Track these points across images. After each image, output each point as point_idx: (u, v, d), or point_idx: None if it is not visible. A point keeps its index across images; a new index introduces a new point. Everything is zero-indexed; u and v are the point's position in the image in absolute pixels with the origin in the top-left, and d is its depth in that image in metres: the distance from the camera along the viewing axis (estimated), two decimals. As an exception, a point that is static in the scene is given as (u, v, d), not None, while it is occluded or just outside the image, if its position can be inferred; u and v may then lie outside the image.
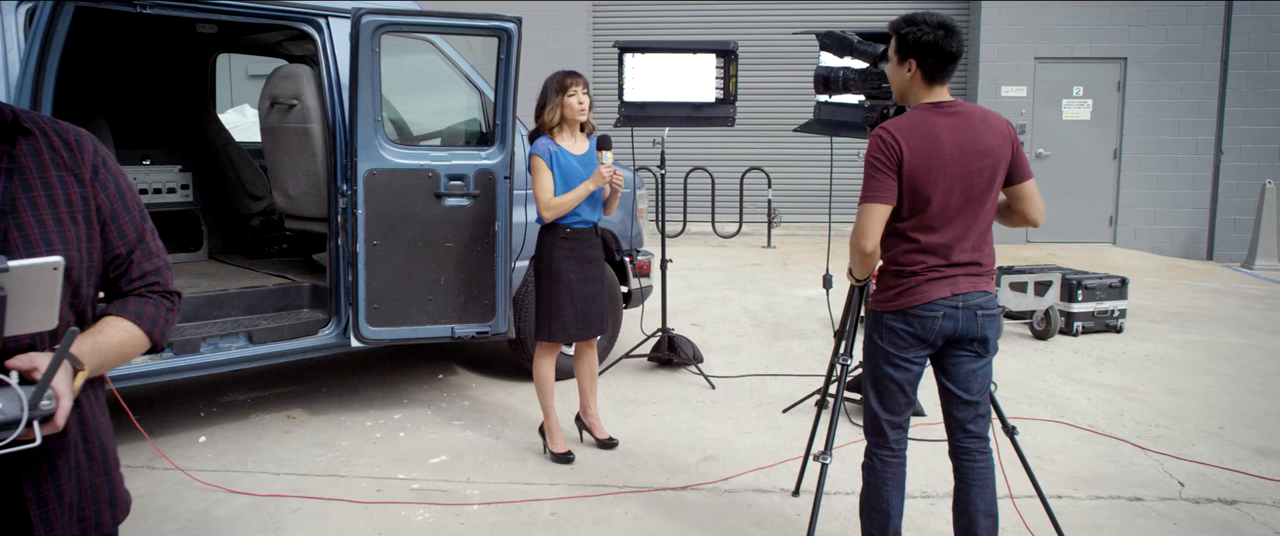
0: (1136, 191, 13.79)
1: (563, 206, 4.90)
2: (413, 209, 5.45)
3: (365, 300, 5.39)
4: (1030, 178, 3.44)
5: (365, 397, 6.27)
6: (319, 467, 5.06)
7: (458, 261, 5.56)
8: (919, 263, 3.32)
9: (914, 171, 3.24)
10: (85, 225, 1.79)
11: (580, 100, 4.96)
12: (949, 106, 3.36)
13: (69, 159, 1.79)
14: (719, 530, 4.30)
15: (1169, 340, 7.91)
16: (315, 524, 4.38)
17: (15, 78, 4.47)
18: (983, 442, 3.48)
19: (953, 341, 3.39)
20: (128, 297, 1.89)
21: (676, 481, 4.84)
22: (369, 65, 5.21)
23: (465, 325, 5.64)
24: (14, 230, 1.68)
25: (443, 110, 6.64)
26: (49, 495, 1.70)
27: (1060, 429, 5.55)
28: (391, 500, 4.63)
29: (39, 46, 4.33)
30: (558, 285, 4.98)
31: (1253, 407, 6.09)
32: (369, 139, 5.30)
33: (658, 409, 6.05)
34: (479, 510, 4.53)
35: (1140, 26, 13.55)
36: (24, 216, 1.70)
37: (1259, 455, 5.20)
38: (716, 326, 8.32)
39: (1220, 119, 13.63)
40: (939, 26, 3.30)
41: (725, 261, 11.76)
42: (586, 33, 14.35)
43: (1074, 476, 4.85)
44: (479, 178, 5.54)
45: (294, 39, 6.95)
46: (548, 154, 4.92)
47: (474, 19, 5.54)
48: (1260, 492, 4.67)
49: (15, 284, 1.51)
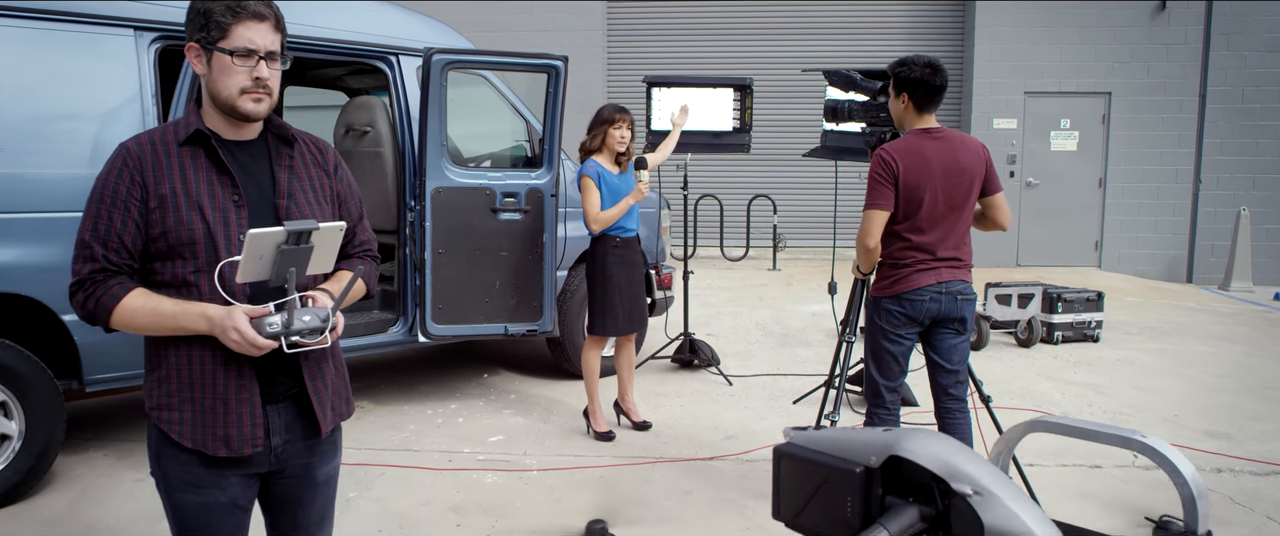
0: (1120, 218, 14.54)
1: (609, 219, 5.71)
2: (472, 222, 6.25)
3: (431, 301, 6.19)
4: (1000, 191, 4.27)
5: (422, 392, 7.07)
6: (393, 444, 5.86)
7: (511, 268, 6.36)
8: (910, 257, 4.15)
9: (907, 184, 4.07)
10: (330, 206, 2.59)
11: (623, 134, 5.80)
12: (936, 132, 4.19)
13: (321, 160, 2.59)
14: (742, 489, 5.09)
15: (1140, 348, 8.73)
16: (401, 484, 5.17)
17: (149, 103, 5.28)
18: (962, 404, 4.30)
19: (938, 321, 4.21)
20: (351, 258, 2.69)
21: (704, 454, 5.65)
22: (438, 97, 6.03)
23: (517, 324, 6.44)
24: (294, 208, 2.48)
25: (492, 135, 7.48)
26: (320, 386, 2.50)
27: (1033, 413, 6.35)
28: (462, 467, 5.43)
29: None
30: (610, 287, 5.79)
31: (1207, 401, 6.90)
32: (436, 161, 6.11)
33: (683, 401, 6.85)
34: (538, 474, 5.33)
35: (1124, 63, 14.31)
36: (298, 199, 2.50)
37: (1206, 436, 6.02)
38: (729, 336, 9.12)
39: (1199, 150, 14.38)
40: (927, 66, 4.15)
41: (734, 282, 12.58)
42: (601, 36, 15.24)
43: (1044, 451, 5.65)
44: (529, 195, 6.36)
45: (355, 73, 7.78)
46: (596, 174, 5.75)
47: (527, 56, 6.41)
48: (1203, 462, 5.48)
49: (319, 239, 2.31)
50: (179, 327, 2.28)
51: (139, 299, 2.28)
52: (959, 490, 1.25)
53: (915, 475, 1.31)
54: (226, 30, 2.26)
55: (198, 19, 2.29)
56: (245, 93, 2.29)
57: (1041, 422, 1.83)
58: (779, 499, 1.45)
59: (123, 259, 2.29)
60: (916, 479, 1.32)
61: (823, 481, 1.36)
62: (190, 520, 2.43)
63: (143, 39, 5.30)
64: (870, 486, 1.34)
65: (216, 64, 2.28)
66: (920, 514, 1.30)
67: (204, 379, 2.34)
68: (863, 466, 1.34)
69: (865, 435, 1.39)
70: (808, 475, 1.39)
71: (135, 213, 2.27)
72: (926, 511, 1.30)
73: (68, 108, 5.05)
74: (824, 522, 1.36)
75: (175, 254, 2.29)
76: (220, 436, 2.36)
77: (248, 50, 2.27)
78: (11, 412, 4.84)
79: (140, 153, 2.29)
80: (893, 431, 1.38)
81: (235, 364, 2.34)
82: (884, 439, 1.35)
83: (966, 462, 1.29)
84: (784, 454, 1.43)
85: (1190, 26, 14.20)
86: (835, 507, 1.35)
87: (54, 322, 4.98)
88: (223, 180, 2.34)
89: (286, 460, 2.50)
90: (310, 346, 2.34)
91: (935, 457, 1.29)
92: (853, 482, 1.33)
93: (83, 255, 2.29)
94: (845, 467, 1.34)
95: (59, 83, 5.01)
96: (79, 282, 2.30)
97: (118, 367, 5.23)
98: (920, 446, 1.31)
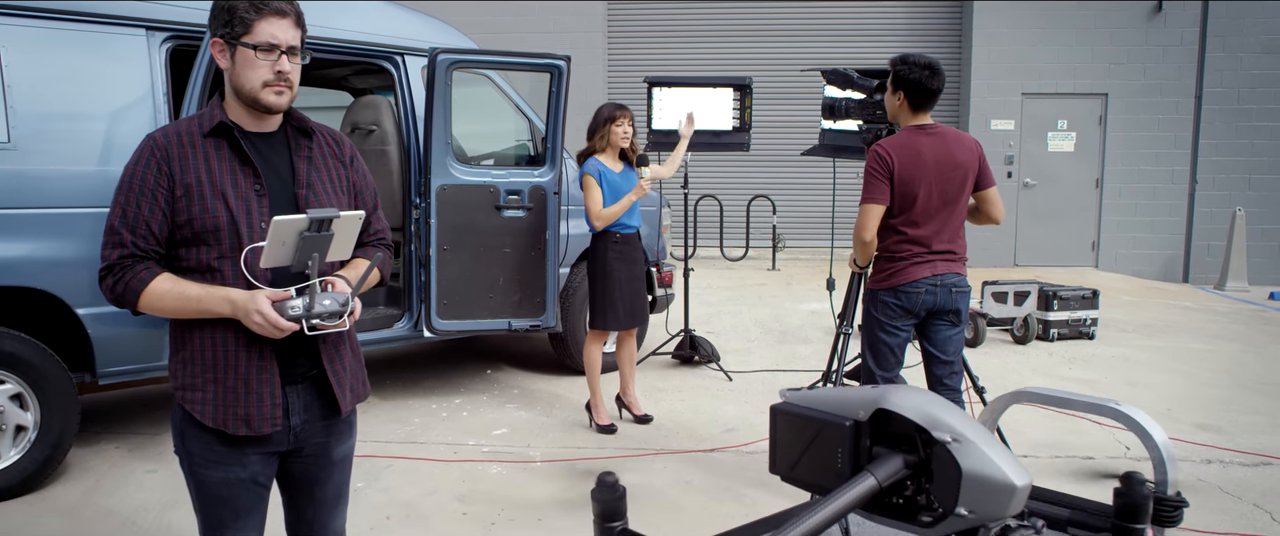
0: (1117, 218, 14.65)
1: (612, 216, 5.82)
2: (476, 219, 6.35)
3: (436, 297, 6.29)
4: (993, 185, 4.38)
5: (426, 387, 7.18)
6: (399, 437, 5.96)
7: (514, 265, 6.46)
8: (906, 250, 4.26)
9: (902, 179, 4.18)
10: (346, 196, 2.69)
11: (625, 130, 5.91)
12: (930, 128, 4.30)
13: (338, 151, 2.70)
14: (742, 479, 5.19)
15: (1135, 345, 8.84)
16: (407, 474, 5.28)
17: (160, 101, 5.39)
18: (956, 394, 4.40)
19: (933, 313, 4.32)
20: (366, 246, 2.80)
21: (705, 446, 5.76)
22: (443, 96, 6.14)
23: (520, 319, 6.55)
24: (312, 198, 2.58)
25: (496, 134, 7.59)
26: (338, 367, 2.60)
27: (1029, 409, 6.46)
28: (467, 459, 5.54)
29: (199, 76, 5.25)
30: (610, 282, 5.90)
31: (1199, 396, 7.01)
32: (441, 159, 6.22)
33: (683, 395, 6.96)
34: (542, 465, 5.43)
35: (1120, 65, 14.42)
36: (317, 189, 2.60)
37: (1197, 428, 6.13)
38: (729, 334, 9.22)
39: (1195, 151, 14.49)
40: (925, 67, 4.25)
41: (733, 281, 12.68)
42: (602, 37, 15.37)
43: (1038, 442, 5.76)
44: (532, 193, 6.47)
45: (360, 73, 7.89)
46: (598, 172, 5.85)
47: (530, 56, 6.52)
48: (1192, 453, 5.59)
49: (339, 227, 2.42)
50: (203, 310, 2.39)
51: (165, 283, 2.39)
52: (939, 438, 1.36)
53: (900, 427, 1.42)
54: (250, 26, 2.37)
55: (222, 15, 2.40)
56: (268, 86, 2.40)
57: (1024, 393, 1.95)
58: (775, 454, 1.55)
59: (150, 245, 2.39)
60: (901, 431, 1.42)
61: (815, 435, 1.47)
62: (212, 496, 2.54)
63: (154, 38, 5.41)
64: (859, 438, 1.44)
65: (240, 58, 2.39)
66: (905, 461, 1.40)
67: (226, 360, 2.45)
68: (852, 420, 1.44)
69: (853, 392, 1.49)
70: (802, 430, 1.49)
71: (162, 201, 2.38)
72: (910, 459, 1.40)
73: (81, 106, 5.17)
74: (817, 473, 1.46)
75: (200, 240, 2.40)
76: (241, 416, 2.46)
77: (270, 45, 2.38)
78: (27, 404, 4.96)
79: (167, 143, 2.40)
80: (879, 387, 1.49)
81: (256, 346, 2.45)
82: (871, 394, 1.46)
83: (946, 413, 1.40)
84: (779, 411, 1.54)
85: (1186, 28, 14.30)
86: (827, 459, 1.46)
87: (68, 316, 5.09)
88: (245, 170, 2.44)
89: (304, 439, 2.61)
90: (329, 329, 2.45)
91: (917, 409, 1.40)
92: (843, 435, 1.44)
93: (112, 241, 2.39)
94: (836, 422, 1.45)
95: (72, 81, 5.12)
96: (109, 267, 2.40)
97: (129, 360, 5.34)
98: (904, 399, 1.42)
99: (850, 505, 1.36)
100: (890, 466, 1.39)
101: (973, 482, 1.34)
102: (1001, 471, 1.33)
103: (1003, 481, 1.34)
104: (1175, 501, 1.72)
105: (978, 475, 1.33)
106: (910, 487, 1.43)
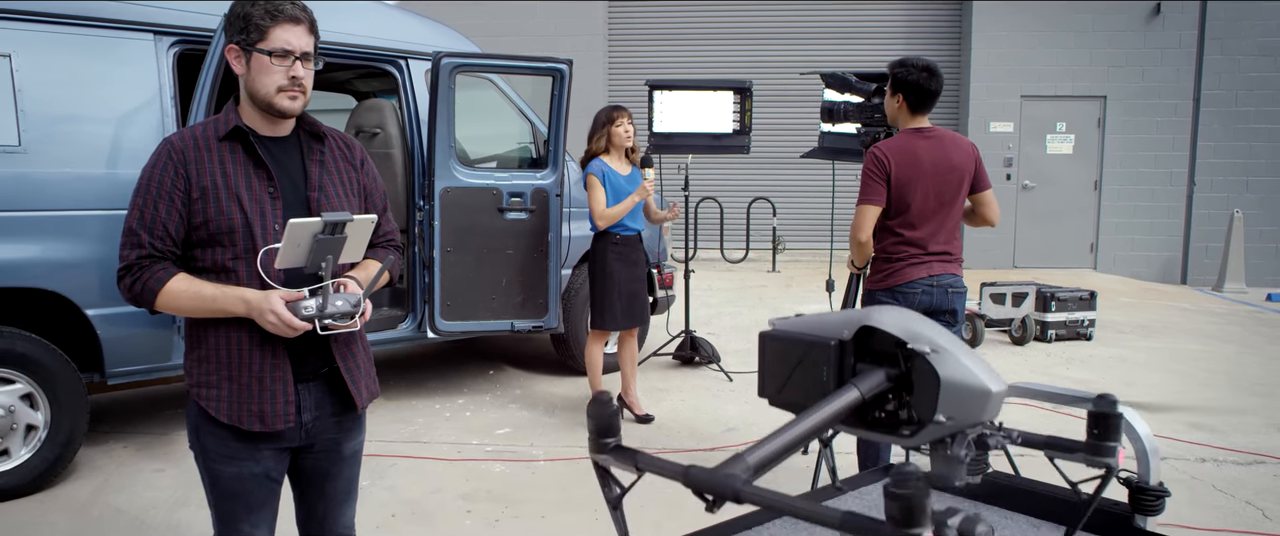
0: (1116, 220, 14.72)
1: (614, 216, 5.89)
2: (479, 221, 6.42)
3: (440, 298, 6.36)
4: (989, 187, 4.44)
5: (430, 388, 7.25)
6: (403, 436, 6.03)
7: (517, 266, 6.53)
8: (903, 251, 4.33)
9: (899, 181, 4.25)
10: (357, 199, 2.76)
11: (626, 129, 5.98)
12: (928, 131, 4.37)
13: (349, 154, 2.77)
14: (743, 478, 5.26)
15: (1132, 346, 8.91)
16: (412, 473, 5.35)
17: (168, 105, 5.47)
18: (953, 392, 4.47)
19: (929, 313, 4.38)
20: (376, 247, 2.87)
21: (705, 445, 5.83)
22: (447, 99, 6.21)
23: (523, 320, 6.61)
24: (324, 200, 2.65)
25: (498, 137, 7.66)
26: (351, 365, 2.67)
27: (1025, 407, 6.52)
28: (471, 458, 5.61)
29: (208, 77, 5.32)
30: (609, 283, 5.97)
31: (1195, 396, 7.08)
32: (444, 162, 6.29)
33: (684, 396, 7.03)
34: (545, 464, 5.51)
35: (1119, 67, 14.50)
36: (328, 191, 2.67)
37: (1191, 427, 6.20)
38: (729, 335, 9.28)
39: (1193, 153, 14.56)
40: (923, 69, 4.32)
41: (734, 283, 12.75)
42: (603, 40, 15.44)
43: (1035, 441, 5.81)
44: (535, 195, 6.54)
45: (363, 77, 7.96)
46: (601, 173, 5.93)
47: (533, 60, 6.58)
48: (1187, 452, 5.66)
49: (352, 230, 2.49)
50: (219, 309, 2.46)
51: (182, 283, 2.46)
52: (918, 350, 1.42)
53: (882, 344, 1.48)
54: (265, 32, 2.45)
55: (237, 22, 2.48)
56: (282, 91, 2.47)
57: (1015, 387, 2.02)
58: (764, 379, 1.61)
59: (167, 246, 2.46)
60: (883, 349, 1.48)
61: (802, 356, 1.53)
62: (226, 490, 2.61)
63: (162, 43, 5.48)
64: (843, 356, 1.50)
65: (255, 64, 2.46)
66: (887, 375, 1.46)
67: (241, 358, 2.52)
68: (836, 340, 1.51)
69: (838, 315, 1.56)
70: (789, 353, 1.55)
71: (179, 203, 2.45)
72: (892, 373, 1.46)
73: (89, 110, 5.24)
74: (804, 394, 1.52)
75: (215, 241, 2.47)
76: (255, 412, 2.53)
77: (285, 51, 2.46)
78: (38, 404, 5.03)
79: (184, 147, 2.47)
80: (862, 309, 1.55)
81: (269, 344, 2.52)
82: (854, 315, 1.53)
83: (925, 328, 1.46)
84: (768, 337, 1.60)
85: (1184, 31, 14.37)
86: (813, 378, 1.52)
87: (78, 317, 5.16)
88: (259, 173, 2.52)
89: (316, 435, 2.68)
90: (341, 329, 2.53)
91: (897, 324, 1.46)
92: (828, 354, 1.50)
93: (130, 241, 2.46)
94: (821, 342, 1.51)
95: (81, 86, 5.20)
96: (127, 267, 2.47)
97: (138, 361, 5.41)
98: (886, 316, 1.49)
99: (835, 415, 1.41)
100: (873, 379, 1.45)
101: (950, 389, 1.39)
102: (977, 377, 1.39)
103: (979, 386, 1.40)
104: (1157, 491, 1.80)
105: (955, 382, 1.38)
106: (892, 402, 1.49)
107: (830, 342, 1.51)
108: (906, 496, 1.06)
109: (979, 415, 1.42)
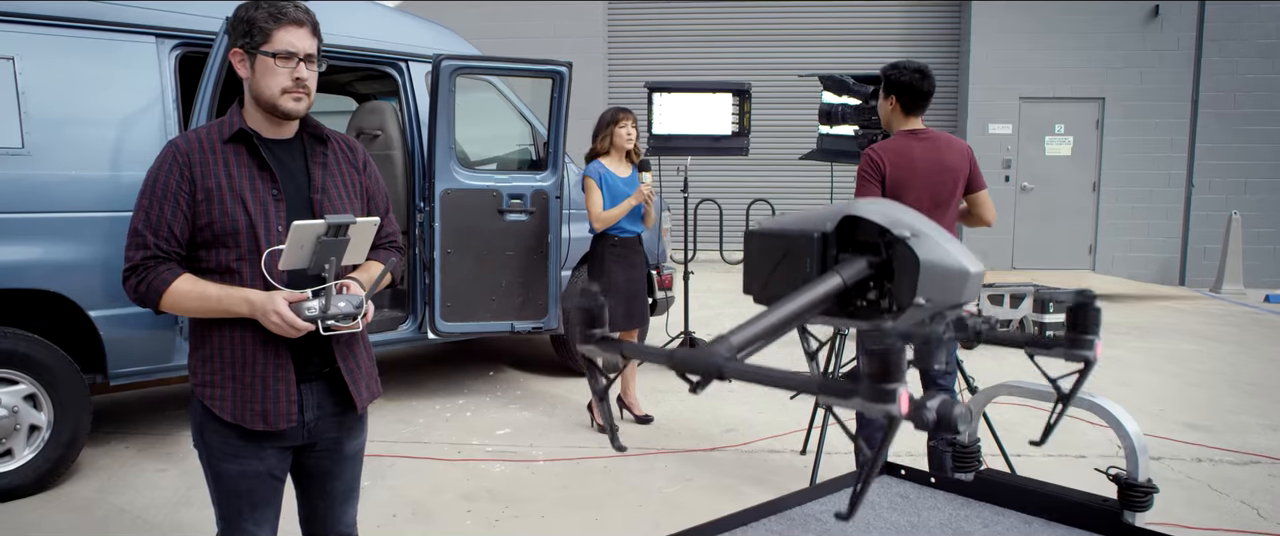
0: (1114, 222, 14.75)
1: (611, 218, 5.93)
2: (479, 223, 6.45)
3: (440, 299, 6.39)
4: (984, 188, 4.48)
5: (430, 389, 7.28)
6: (404, 436, 6.06)
7: (516, 267, 6.56)
8: (899, 252, 4.37)
9: (893, 182, 4.29)
10: (360, 200, 2.80)
11: (629, 132, 6.02)
12: (922, 133, 4.41)
13: (351, 157, 2.81)
14: (741, 477, 5.30)
15: (1129, 347, 8.95)
16: (413, 473, 5.38)
17: (170, 107, 5.51)
18: (949, 392, 4.50)
19: (925, 313, 4.42)
20: (378, 249, 2.90)
21: (704, 445, 5.86)
22: (447, 102, 6.25)
23: (523, 321, 6.65)
24: (327, 202, 2.69)
25: (498, 139, 7.70)
26: (352, 366, 2.71)
27: (1023, 408, 6.54)
28: (472, 458, 5.64)
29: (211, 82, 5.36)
30: (606, 284, 6.00)
31: (1190, 396, 7.12)
32: (444, 164, 6.32)
33: (683, 396, 7.05)
34: (545, 464, 5.54)
35: (1117, 69, 14.52)
36: (331, 194, 2.71)
37: (1187, 428, 6.24)
38: (729, 336, 9.30)
39: (1191, 155, 14.59)
40: (916, 71, 4.36)
41: (733, 284, 12.75)
42: (602, 42, 15.47)
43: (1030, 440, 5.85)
44: (535, 197, 6.57)
45: (363, 79, 8.01)
46: (598, 175, 5.96)
47: (532, 62, 6.62)
48: (1182, 452, 5.70)
49: (355, 233, 2.53)
50: (223, 310, 2.50)
51: (186, 284, 2.50)
52: (899, 235, 1.44)
53: (865, 235, 1.50)
54: (269, 35, 2.48)
55: (242, 26, 2.51)
56: (286, 92, 2.51)
57: (1007, 386, 2.06)
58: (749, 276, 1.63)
59: (172, 247, 2.50)
60: (866, 238, 1.50)
61: (786, 250, 1.55)
62: (230, 487, 2.65)
63: (164, 46, 5.52)
64: (826, 248, 1.53)
65: (260, 67, 2.50)
66: (868, 262, 1.48)
67: (244, 358, 2.55)
68: (820, 232, 1.53)
69: (822, 208, 1.58)
70: (773, 248, 1.57)
71: (184, 204, 2.48)
72: (873, 260, 1.48)
73: (92, 112, 5.28)
74: (788, 288, 1.53)
75: (219, 243, 2.51)
76: (258, 411, 2.57)
77: (289, 52, 2.49)
78: (41, 404, 5.06)
79: (189, 149, 2.51)
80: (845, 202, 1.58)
81: (273, 345, 2.55)
82: (836, 207, 1.55)
83: (905, 214, 1.49)
84: (753, 233, 1.62)
85: (1183, 33, 14.40)
86: (797, 271, 1.54)
87: (81, 318, 5.20)
88: (263, 175, 2.55)
89: (318, 434, 2.71)
90: (344, 330, 2.56)
91: (878, 211, 1.49)
92: (811, 246, 1.52)
93: (135, 242, 2.50)
94: (805, 234, 1.53)
95: (84, 88, 5.24)
96: (132, 268, 2.51)
97: (140, 362, 5.45)
98: (867, 205, 1.51)
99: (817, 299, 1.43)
100: (855, 266, 1.46)
101: (930, 271, 1.41)
102: (956, 259, 1.41)
103: (957, 268, 1.43)
104: (1145, 487, 1.83)
105: (934, 264, 1.40)
106: (873, 291, 1.51)
107: (814, 235, 1.52)
108: (882, 351, 1.08)
109: (957, 296, 1.44)
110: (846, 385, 1.14)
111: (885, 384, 1.08)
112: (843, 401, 1.14)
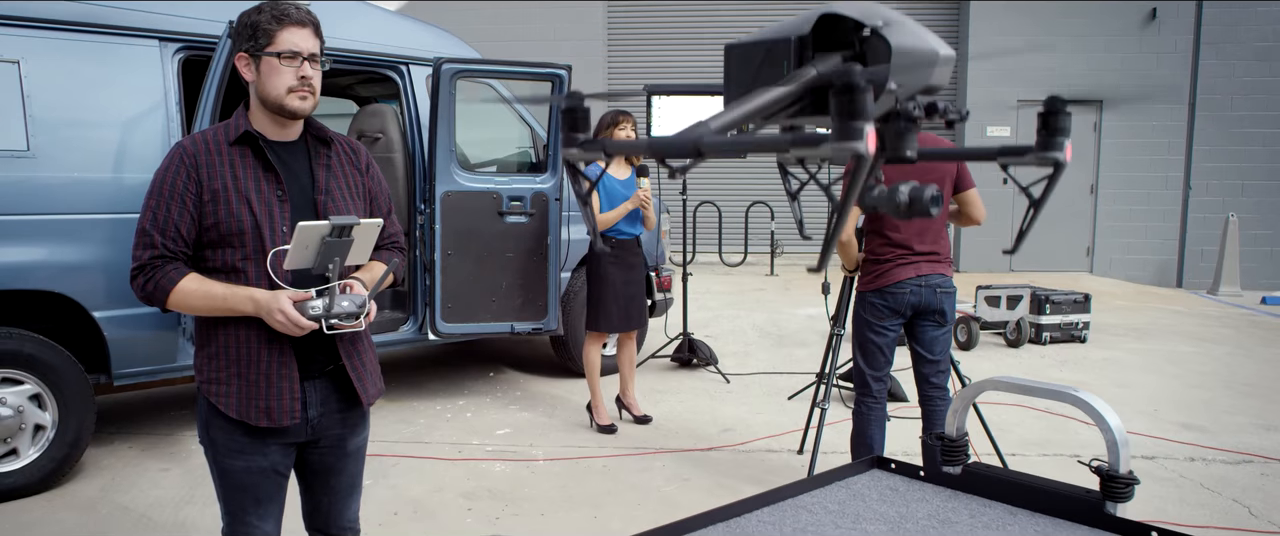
0: (1111, 224, 14.81)
1: (608, 221, 5.98)
2: (480, 225, 6.50)
3: (441, 301, 6.45)
4: (973, 187, 4.54)
5: (431, 390, 7.34)
6: (405, 436, 6.11)
7: (516, 269, 6.62)
8: (890, 253, 4.44)
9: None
10: (362, 202, 2.86)
11: (628, 135, 6.06)
12: (915, 135, 4.46)
13: (355, 159, 2.86)
14: (738, 476, 5.35)
15: (1125, 348, 9.00)
16: (414, 473, 5.43)
17: (173, 110, 5.56)
18: (943, 391, 4.57)
19: (919, 313, 4.48)
20: (381, 249, 2.96)
21: (702, 445, 5.91)
22: (447, 105, 6.30)
23: (523, 323, 6.70)
24: (331, 204, 2.74)
25: (498, 142, 7.75)
26: (357, 364, 2.77)
27: (1019, 409, 6.62)
28: (472, 458, 5.69)
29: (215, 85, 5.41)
30: (604, 286, 6.06)
31: (1186, 397, 7.17)
32: (445, 166, 6.38)
33: (682, 397, 7.11)
34: (545, 464, 5.59)
35: (1115, 72, 14.60)
36: (335, 196, 2.76)
37: (1182, 428, 6.29)
38: (727, 338, 9.38)
39: (1188, 157, 14.66)
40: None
41: (732, 286, 12.84)
42: (602, 45, 15.55)
43: (1027, 440, 5.91)
44: (535, 199, 6.63)
45: (365, 82, 8.06)
46: (595, 178, 6.00)
47: (532, 66, 6.68)
48: (1177, 452, 5.75)
49: (359, 234, 2.59)
50: (228, 309, 2.55)
51: (192, 283, 2.55)
52: (872, 24, 1.47)
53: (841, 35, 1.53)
54: (273, 36, 2.54)
55: (246, 30, 2.57)
56: (292, 91, 2.56)
57: (994, 381, 2.11)
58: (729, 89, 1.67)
59: (179, 247, 2.55)
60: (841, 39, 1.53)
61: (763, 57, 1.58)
62: (234, 483, 2.70)
63: (167, 49, 5.57)
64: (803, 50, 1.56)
65: (265, 68, 2.56)
66: (842, 56, 1.51)
67: (249, 356, 2.61)
68: (796, 35, 1.56)
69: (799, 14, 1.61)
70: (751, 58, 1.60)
71: (190, 205, 2.54)
72: (847, 54, 1.51)
73: (97, 115, 5.33)
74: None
75: (225, 243, 2.56)
76: (262, 408, 2.62)
77: (293, 52, 2.55)
78: (46, 404, 5.12)
79: (195, 151, 2.56)
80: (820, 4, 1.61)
81: (277, 343, 2.60)
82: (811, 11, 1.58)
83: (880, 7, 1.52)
84: (732, 47, 1.66)
85: (1180, 36, 14.47)
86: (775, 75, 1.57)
87: (85, 319, 5.25)
88: (268, 177, 2.61)
89: (322, 431, 2.76)
90: (347, 329, 2.62)
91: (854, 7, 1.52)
92: (788, 50, 1.55)
93: (143, 242, 2.55)
94: (782, 39, 1.56)
95: (88, 91, 5.29)
96: (140, 267, 2.56)
97: (144, 362, 5.50)
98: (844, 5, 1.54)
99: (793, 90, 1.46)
100: (829, 61, 1.50)
101: (902, 56, 1.44)
102: (927, 43, 1.45)
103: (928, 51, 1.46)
104: (1126, 479, 1.88)
105: (906, 49, 1.43)
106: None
107: (790, 38, 1.56)
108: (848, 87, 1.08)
109: (928, 80, 1.46)
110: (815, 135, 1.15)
111: (853, 122, 1.08)
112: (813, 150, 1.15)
